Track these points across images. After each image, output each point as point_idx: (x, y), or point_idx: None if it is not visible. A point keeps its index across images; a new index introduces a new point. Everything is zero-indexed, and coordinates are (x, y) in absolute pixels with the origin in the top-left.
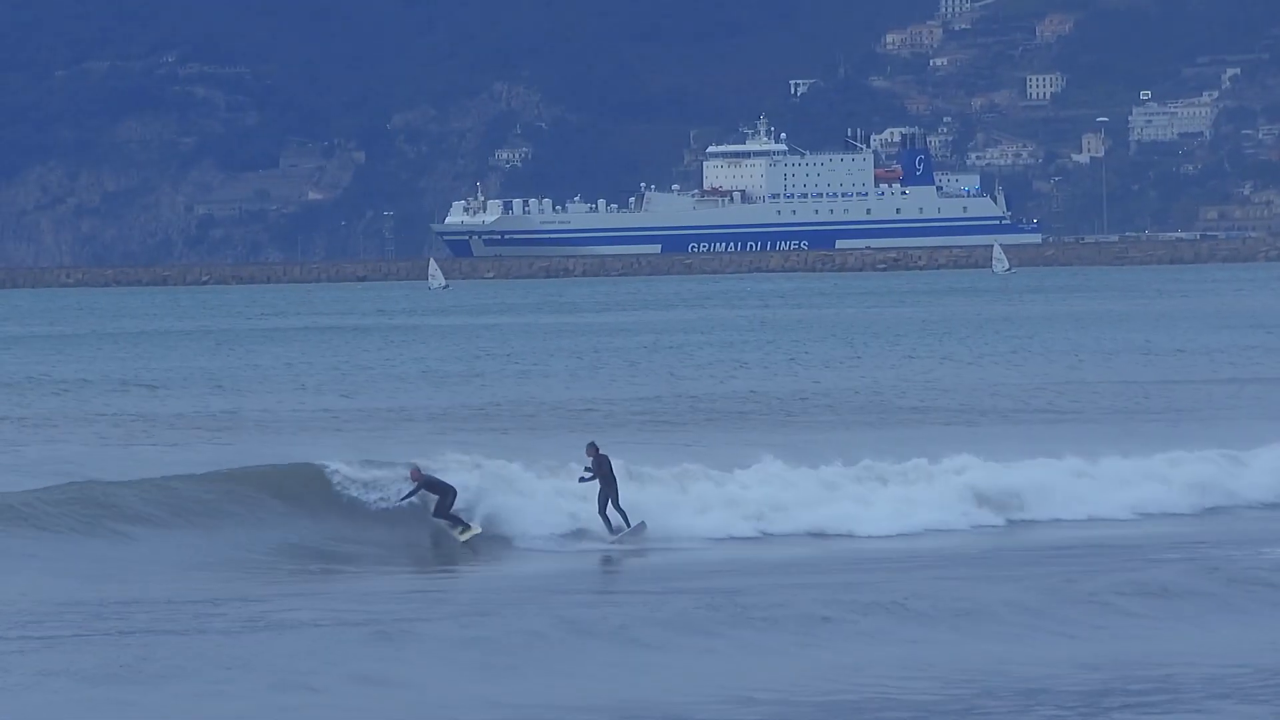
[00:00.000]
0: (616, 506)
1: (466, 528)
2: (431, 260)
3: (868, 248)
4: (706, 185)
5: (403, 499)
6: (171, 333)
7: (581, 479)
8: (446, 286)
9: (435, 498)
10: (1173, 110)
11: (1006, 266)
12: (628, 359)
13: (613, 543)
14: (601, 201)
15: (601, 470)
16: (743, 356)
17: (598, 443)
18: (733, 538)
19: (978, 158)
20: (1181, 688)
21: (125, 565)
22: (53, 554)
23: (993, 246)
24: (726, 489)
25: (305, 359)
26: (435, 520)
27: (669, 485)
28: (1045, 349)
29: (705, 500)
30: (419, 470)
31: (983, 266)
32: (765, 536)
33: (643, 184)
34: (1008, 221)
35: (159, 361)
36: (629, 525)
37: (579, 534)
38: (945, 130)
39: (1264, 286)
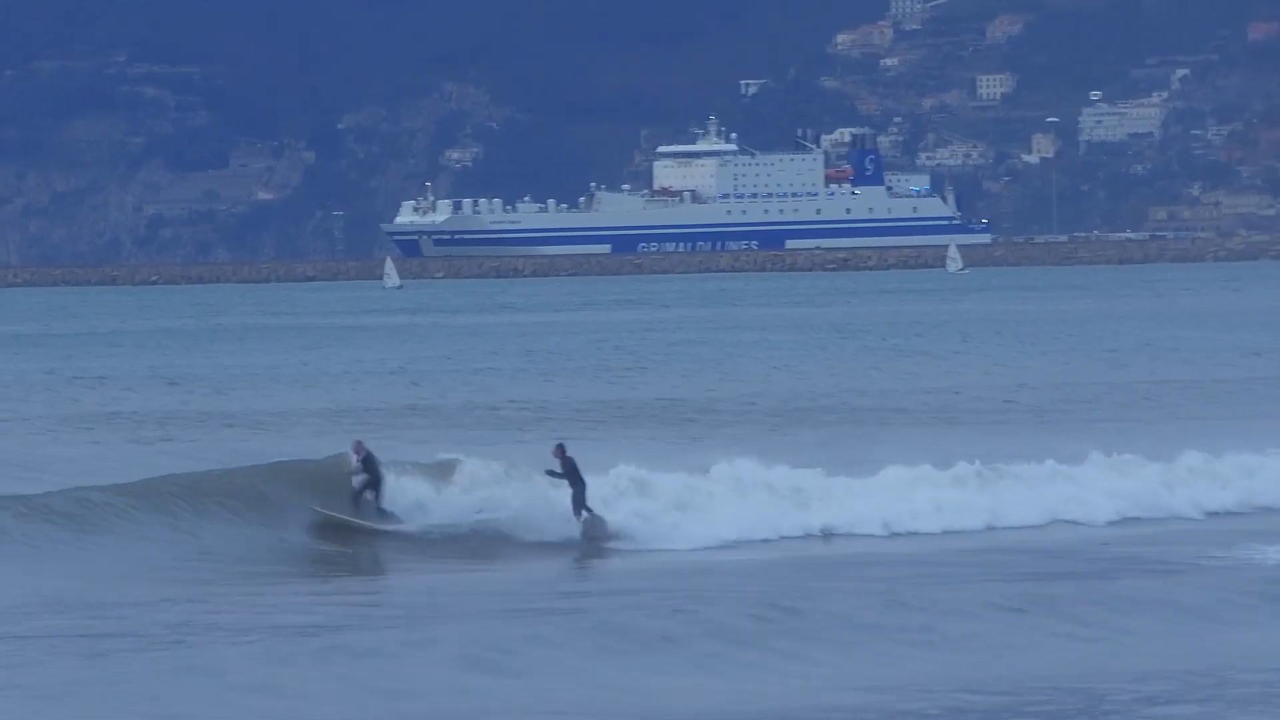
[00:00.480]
0: (584, 505)
1: (336, 514)
2: (388, 260)
3: (818, 248)
4: (657, 185)
5: (353, 474)
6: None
7: (549, 472)
8: (401, 286)
9: (365, 476)
10: (1122, 111)
11: (960, 266)
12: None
13: (586, 538)
14: (551, 201)
15: (568, 471)
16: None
17: (565, 445)
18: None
19: (928, 158)
20: None
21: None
22: None
23: (947, 247)
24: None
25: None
26: (354, 495)
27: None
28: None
29: None
30: (361, 444)
31: (934, 267)
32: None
33: (593, 184)
34: (958, 222)
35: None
36: (595, 520)
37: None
38: (895, 130)
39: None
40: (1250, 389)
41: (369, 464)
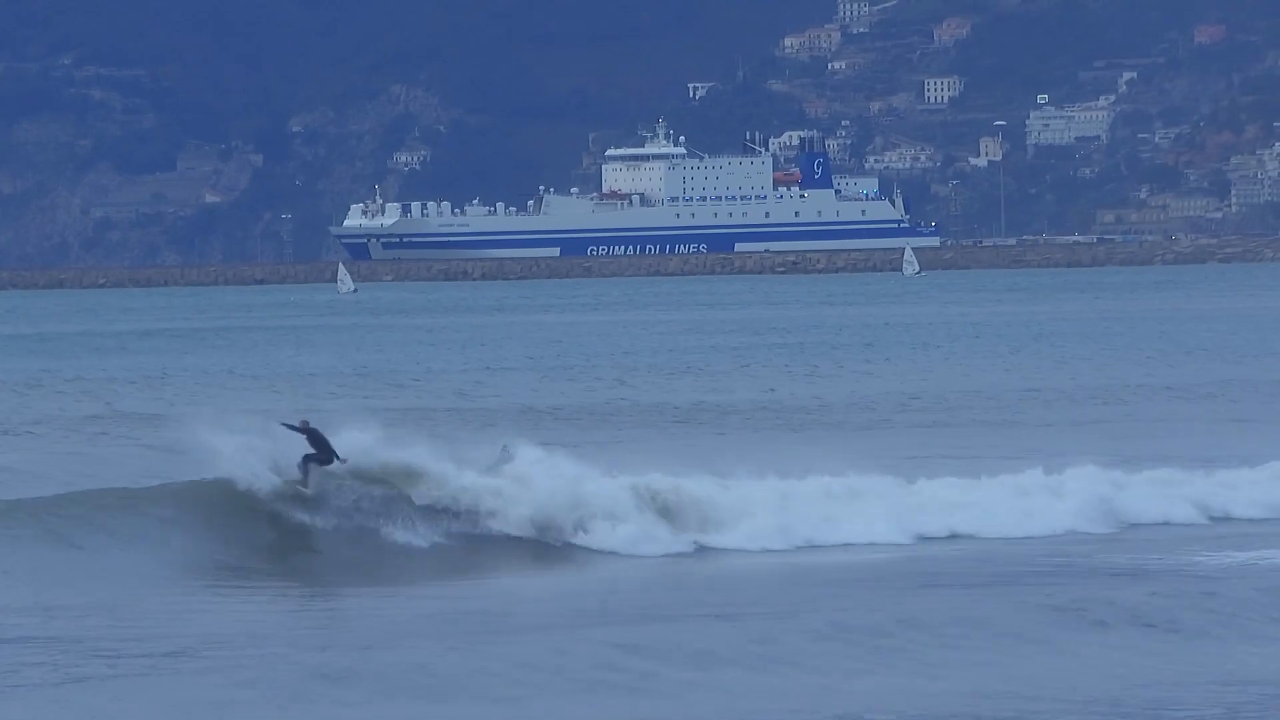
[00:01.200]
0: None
1: (305, 486)
2: (340, 265)
3: (767, 251)
4: (605, 188)
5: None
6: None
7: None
8: (355, 290)
9: (311, 451)
10: (1070, 114)
11: (917, 270)
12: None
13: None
14: (500, 204)
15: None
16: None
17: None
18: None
19: (876, 161)
20: None
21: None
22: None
23: (902, 250)
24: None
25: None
26: (298, 466)
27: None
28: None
29: None
30: (308, 423)
31: (883, 270)
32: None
33: (541, 187)
34: (906, 225)
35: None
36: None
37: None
38: (844, 134)
39: None
40: None
41: (315, 441)
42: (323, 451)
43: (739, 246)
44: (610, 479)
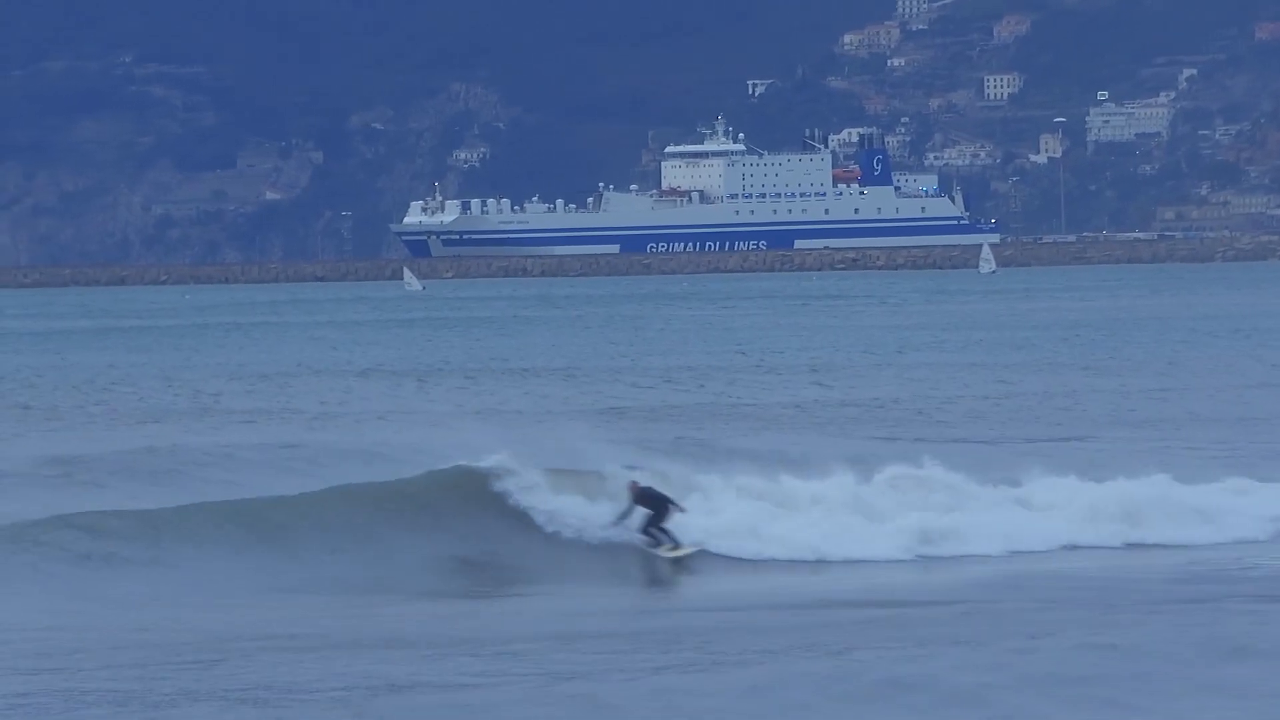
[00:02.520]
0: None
1: (677, 545)
2: (405, 268)
3: (826, 248)
4: (665, 185)
5: (618, 520)
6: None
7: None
8: (424, 289)
9: (647, 512)
10: (1130, 111)
11: (993, 268)
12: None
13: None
14: (559, 202)
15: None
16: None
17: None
18: None
19: (935, 158)
20: None
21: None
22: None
23: (979, 247)
24: None
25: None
26: (640, 535)
27: None
28: None
29: None
30: (636, 484)
31: (943, 267)
32: None
33: (601, 184)
34: (966, 222)
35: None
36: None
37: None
38: (903, 130)
39: None
40: None
41: (648, 500)
42: (660, 509)
43: (798, 243)
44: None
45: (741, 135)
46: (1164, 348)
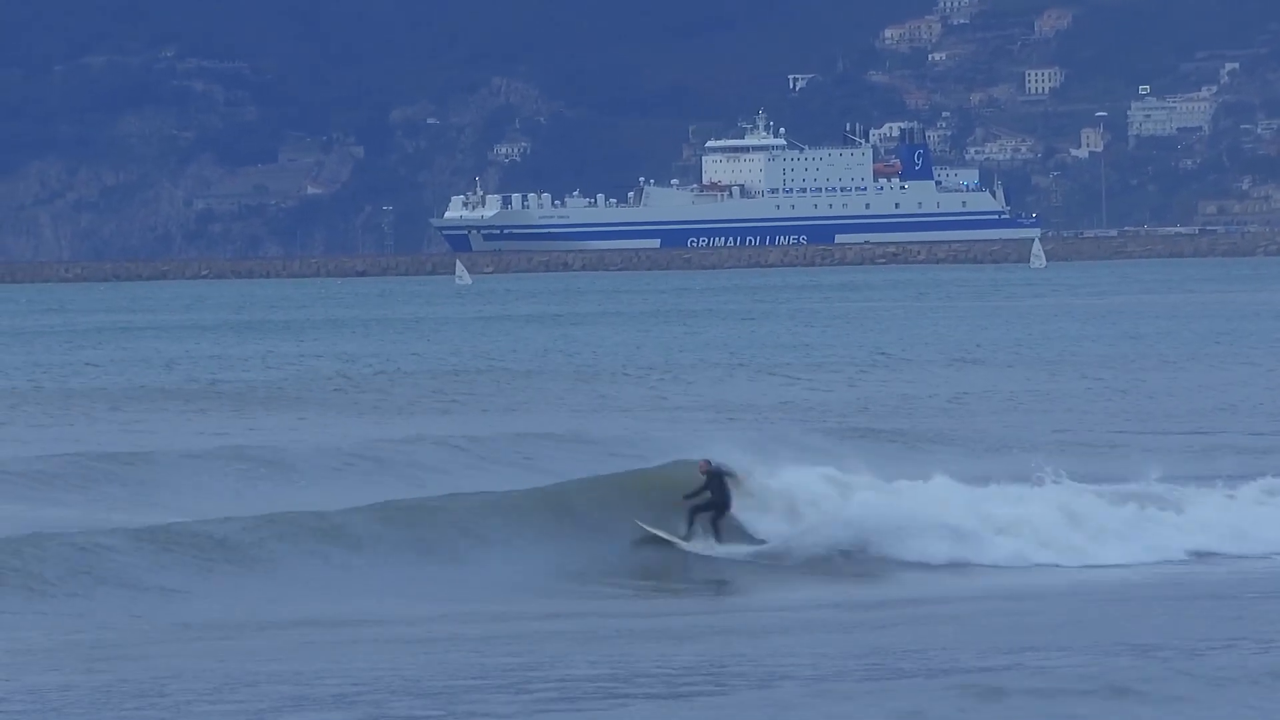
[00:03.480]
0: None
1: (689, 538)
2: (458, 261)
3: (867, 242)
4: (705, 180)
5: (687, 496)
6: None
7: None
8: (471, 284)
9: (707, 494)
10: (1171, 105)
11: (1044, 264)
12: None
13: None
14: (600, 196)
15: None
16: None
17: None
18: None
19: (976, 152)
20: None
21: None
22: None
23: (1032, 243)
24: None
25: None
26: (684, 507)
27: None
28: None
29: None
30: (708, 463)
31: (983, 261)
32: None
33: (641, 179)
34: (1007, 216)
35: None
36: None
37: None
38: (944, 125)
39: None
40: None
41: (715, 486)
42: (721, 500)
43: (839, 238)
44: None
45: (782, 130)
46: None
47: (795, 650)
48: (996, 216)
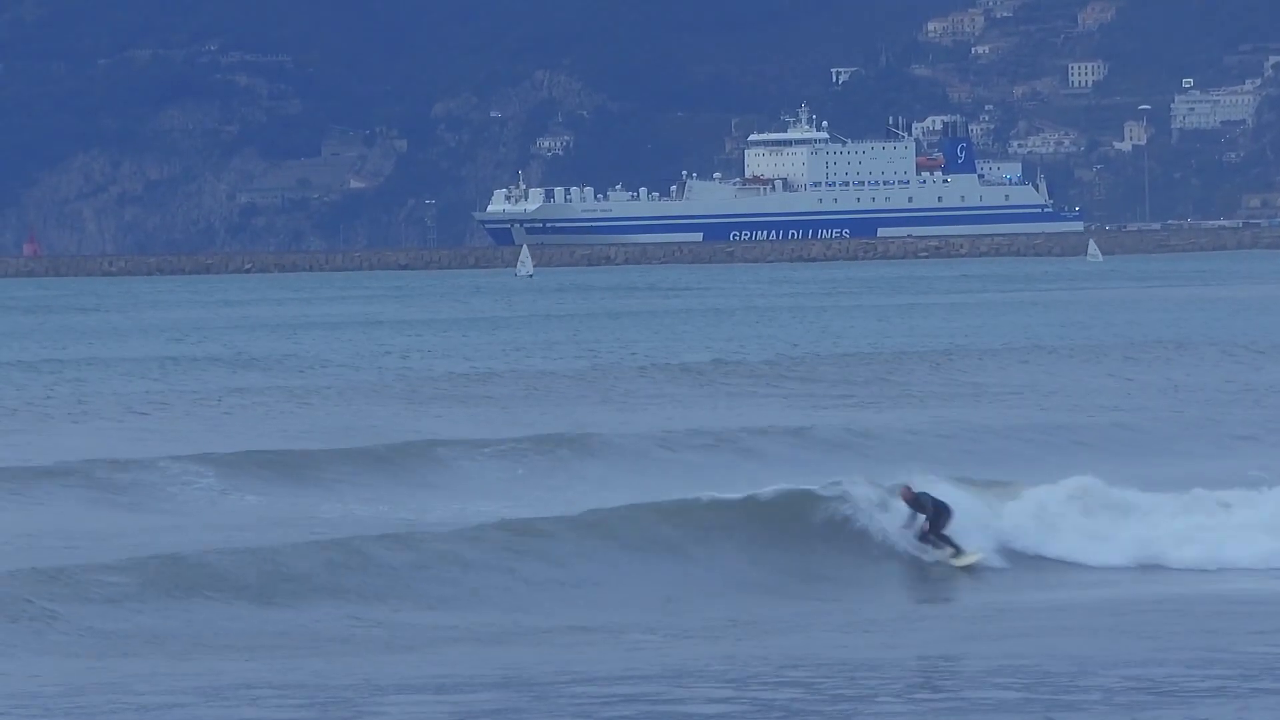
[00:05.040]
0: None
1: (961, 553)
2: (524, 247)
3: (910, 236)
4: (748, 174)
5: (902, 527)
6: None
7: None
8: (532, 275)
9: (922, 517)
10: (1215, 98)
11: (1101, 258)
12: None
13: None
14: (643, 190)
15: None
16: None
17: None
18: None
19: (1019, 146)
20: None
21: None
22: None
23: (1078, 237)
24: None
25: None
26: (920, 543)
27: None
28: None
29: None
30: (909, 489)
31: (1025, 255)
32: None
33: (684, 172)
34: (1050, 210)
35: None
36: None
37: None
38: (986, 118)
39: None
40: None
41: (922, 507)
42: (938, 515)
43: (881, 231)
44: None
45: (825, 123)
46: None
47: None
48: (1039, 210)
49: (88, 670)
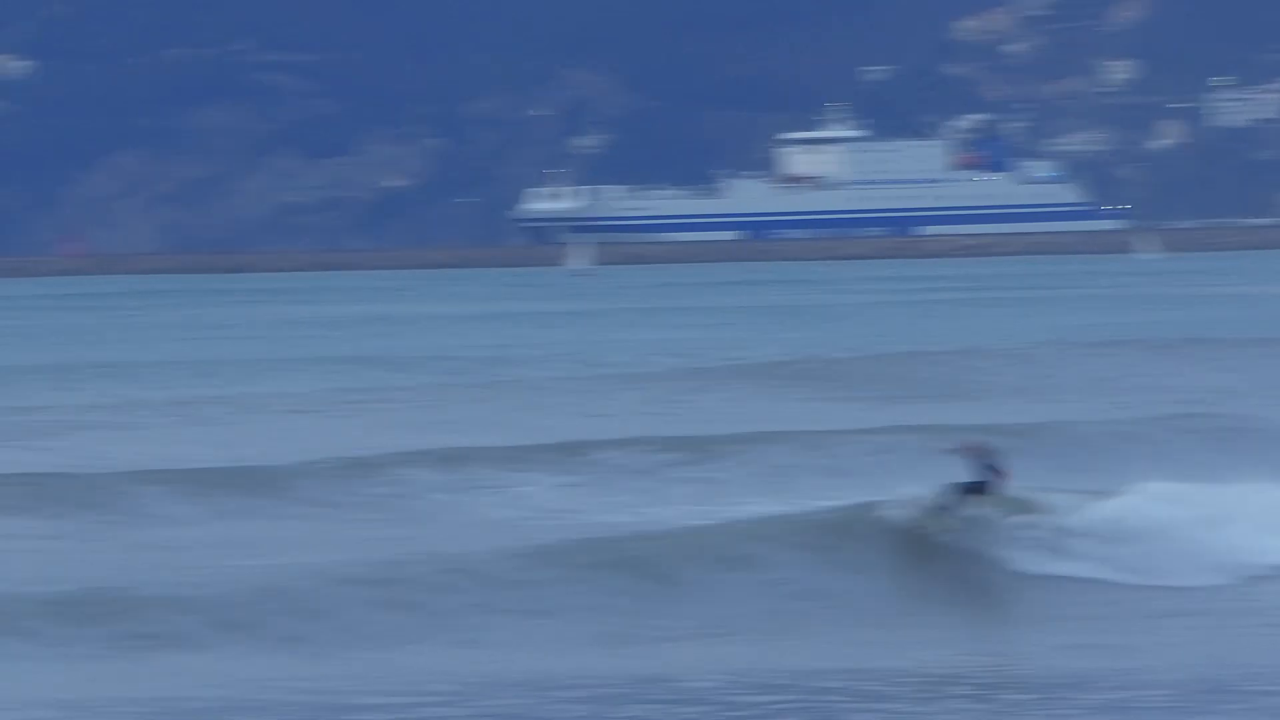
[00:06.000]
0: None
1: (949, 523)
2: (578, 246)
3: (946, 234)
4: (783, 172)
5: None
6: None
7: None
8: (588, 273)
9: (969, 482)
10: (1249, 96)
11: (1161, 257)
12: None
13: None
14: (680, 188)
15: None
16: None
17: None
18: None
19: (1054, 144)
20: None
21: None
22: None
23: (1122, 234)
24: None
25: None
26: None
27: None
28: None
29: None
30: (971, 444)
31: (1061, 253)
32: None
33: (721, 170)
34: (1085, 208)
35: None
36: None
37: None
38: (1020, 116)
39: None
40: None
41: (981, 464)
42: (985, 480)
43: (917, 230)
44: None
45: (870, 120)
46: None
47: None
48: (1074, 208)
49: None
